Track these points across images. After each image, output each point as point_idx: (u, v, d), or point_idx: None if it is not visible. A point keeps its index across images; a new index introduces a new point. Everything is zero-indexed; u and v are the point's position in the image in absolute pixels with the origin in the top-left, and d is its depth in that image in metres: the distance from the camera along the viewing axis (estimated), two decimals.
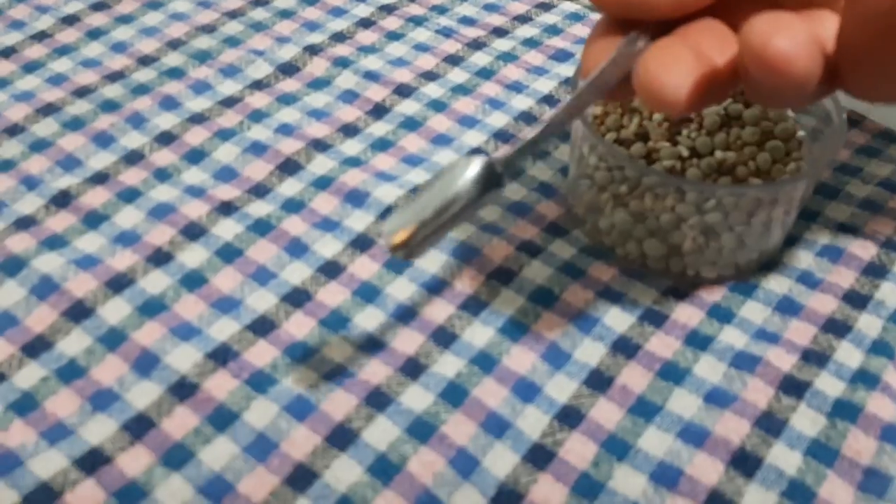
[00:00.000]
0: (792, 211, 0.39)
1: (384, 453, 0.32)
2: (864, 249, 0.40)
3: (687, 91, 0.27)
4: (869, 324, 0.37)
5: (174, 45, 0.50)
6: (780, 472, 0.32)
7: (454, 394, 0.34)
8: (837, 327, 0.37)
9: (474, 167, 0.29)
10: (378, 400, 0.34)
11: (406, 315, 0.37)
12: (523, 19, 0.54)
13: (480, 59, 0.50)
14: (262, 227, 0.40)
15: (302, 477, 0.31)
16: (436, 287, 0.38)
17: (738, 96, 0.42)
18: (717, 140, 0.40)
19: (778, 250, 0.40)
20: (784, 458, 0.32)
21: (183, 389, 0.34)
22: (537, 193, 0.43)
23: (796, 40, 0.24)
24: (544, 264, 0.39)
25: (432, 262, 0.39)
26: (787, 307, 0.38)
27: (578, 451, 0.33)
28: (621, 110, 0.42)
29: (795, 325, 0.37)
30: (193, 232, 0.39)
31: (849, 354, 0.36)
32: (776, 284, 0.39)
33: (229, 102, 0.46)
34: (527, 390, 0.34)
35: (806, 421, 0.33)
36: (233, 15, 0.52)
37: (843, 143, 0.37)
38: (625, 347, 0.36)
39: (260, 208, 0.41)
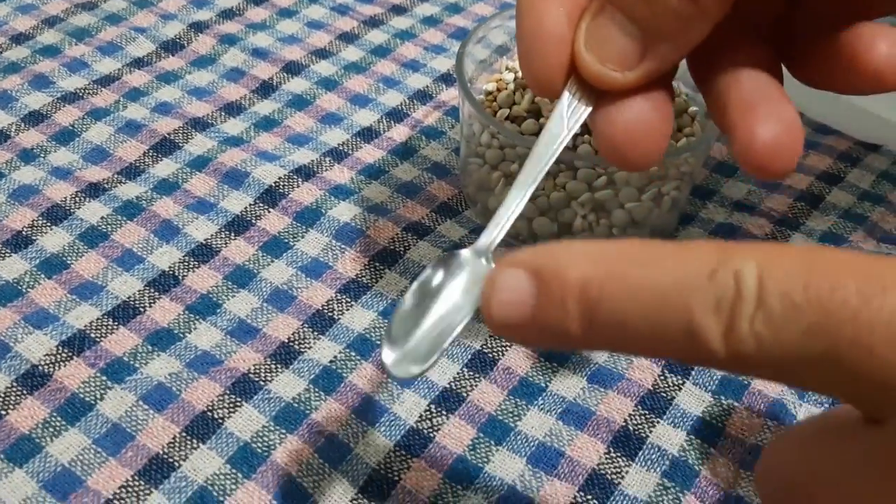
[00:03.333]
0: (683, 187, 0.38)
1: (248, 443, 0.30)
2: (758, 227, 0.40)
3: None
4: None
5: (51, 22, 0.47)
6: (662, 452, 0.31)
7: (328, 380, 0.32)
8: None
9: (472, 285, 0.24)
10: (245, 388, 0.32)
11: (281, 300, 0.35)
12: None
13: (376, 36, 0.49)
14: (130, 210, 0.37)
15: (157, 469, 0.29)
16: (316, 271, 0.36)
17: None
18: None
19: (672, 229, 0.40)
20: (667, 437, 0.31)
21: (33, 379, 0.31)
22: (429, 174, 0.41)
23: None
24: (432, 245, 0.38)
25: (313, 244, 0.37)
26: None
27: (455, 435, 0.31)
28: (513, 87, 0.41)
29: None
30: (56, 215, 0.37)
31: None
32: None
33: (106, 81, 0.44)
34: None
35: (691, 399, 0.32)
36: None
37: None
38: None
39: (130, 190, 0.38)
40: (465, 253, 0.25)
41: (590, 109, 0.25)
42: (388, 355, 0.23)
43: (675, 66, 0.26)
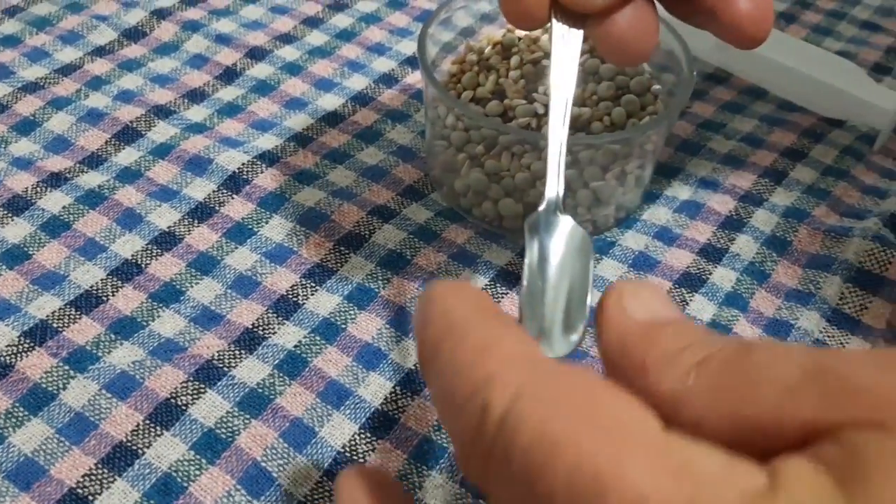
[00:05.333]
0: (647, 164, 0.38)
1: (211, 428, 0.30)
2: (722, 204, 0.40)
3: None
4: (723, 277, 0.37)
5: (11, 12, 0.47)
6: None
7: (292, 365, 0.32)
8: (692, 281, 0.36)
9: (572, 241, 0.26)
10: (209, 374, 0.32)
11: (245, 286, 0.35)
12: None
13: (342, 20, 0.48)
14: (92, 199, 0.37)
15: (121, 457, 0.29)
16: (280, 256, 0.36)
17: (596, 51, 0.41)
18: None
19: (637, 207, 0.40)
20: None
21: None
22: (395, 157, 0.41)
23: None
24: (397, 228, 0.38)
25: (277, 230, 0.37)
26: (643, 263, 0.37)
27: (420, 416, 0.31)
28: (477, 69, 0.41)
29: (650, 281, 0.36)
30: (17, 205, 0.37)
31: (701, 307, 0.35)
32: (633, 241, 0.38)
33: (67, 70, 0.43)
34: (371, 357, 0.33)
35: None
36: None
37: (689, 92, 0.36)
38: None
39: (92, 179, 0.38)
40: (543, 215, 0.27)
41: (581, 32, 0.28)
42: (531, 332, 0.24)
43: None
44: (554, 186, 0.28)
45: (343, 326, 0.34)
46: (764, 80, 0.47)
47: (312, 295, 0.35)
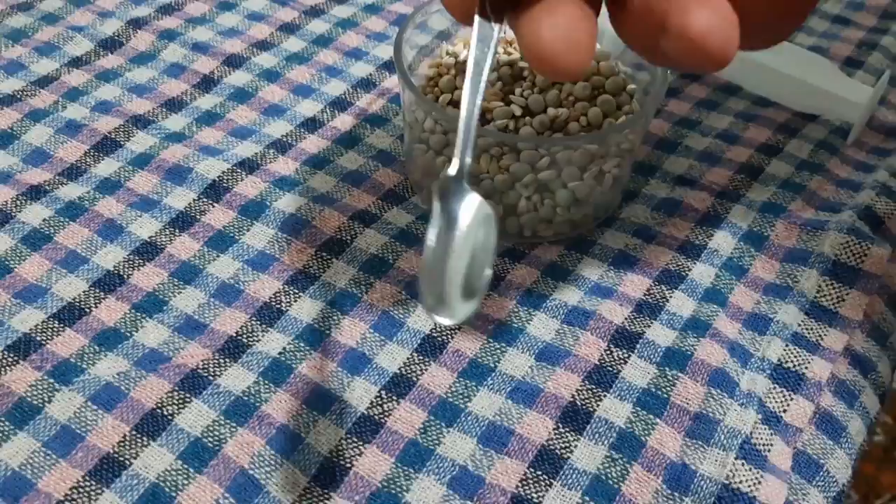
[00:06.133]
0: (624, 164, 0.38)
1: (198, 438, 0.30)
2: (700, 201, 0.40)
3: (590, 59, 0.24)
4: (702, 273, 0.37)
5: None
6: (609, 424, 0.31)
7: (277, 372, 0.32)
8: (671, 278, 0.37)
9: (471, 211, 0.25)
10: (194, 383, 0.32)
11: (228, 294, 0.35)
12: None
13: (318, 26, 0.48)
14: (73, 211, 0.37)
15: (108, 469, 0.29)
16: (262, 263, 0.36)
17: None
18: (549, 97, 0.39)
19: (616, 206, 0.40)
20: (614, 409, 0.32)
21: None
22: (375, 162, 0.41)
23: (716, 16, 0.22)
24: (378, 233, 0.38)
25: (259, 237, 0.37)
26: (623, 262, 0.37)
27: (406, 419, 0.31)
28: (454, 72, 0.41)
29: (630, 279, 0.37)
30: None
31: (681, 304, 0.36)
32: (613, 240, 0.38)
33: (44, 82, 0.43)
34: (356, 362, 0.33)
35: (636, 372, 0.33)
36: None
37: (664, 91, 0.37)
38: None
39: (72, 191, 0.38)
40: (452, 182, 0.26)
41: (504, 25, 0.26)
42: (430, 305, 0.24)
43: None
44: (462, 152, 0.26)
45: (327, 332, 0.34)
46: (737, 76, 0.48)
47: (296, 301, 0.35)
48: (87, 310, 0.34)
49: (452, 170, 0.26)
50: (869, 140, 0.45)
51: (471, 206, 0.26)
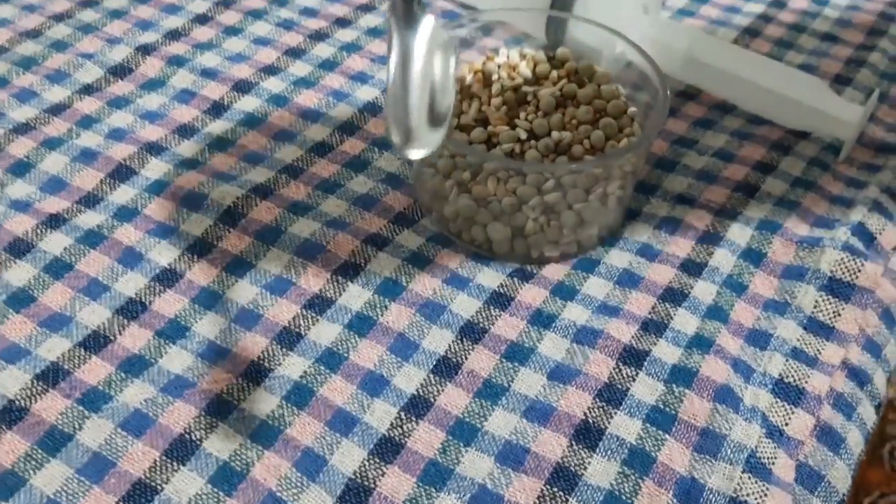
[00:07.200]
0: (627, 185, 0.40)
1: (227, 462, 0.31)
2: (699, 219, 0.42)
3: None
4: (704, 290, 0.38)
5: None
6: (621, 441, 0.33)
7: (299, 395, 0.34)
8: (675, 296, 0.38)
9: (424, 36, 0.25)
10: (220, 408, 0.33)
11: (249, 319, 0.36)
12: (366, 8, 0.53)
13: (323, 50, 0.50)
14: (93, 239, 0.38)
15: (141, 494, 0.30)
16: (280, 288, 0.37)
17: (573, 76, 0.42)
18: (554, 121, 0.40)
19: (619, 225, 0.41)
20: (625, 426, 0.33)
21: (11, 414, 0.32)
22: (384, 185, 0.42)
23: None
24: (391, 256, 0.39)
25: (275, 262, 0.38)
26: (628, 280, 0.39)
27: (426, 439, 0.33)
28: (460, 97, 0.42)
29: (635, 297, 0.38)
30: (19, 248, 0.37)
31: (685, 321, 0.37)
32: (617, 259, 0.40)
33: (56, 110, 0.44)
34: (375, 384, 0.34)
35: (645, 389, 0.34)
36: (59, 18, 0.50)
37: (665, 113, 0.38)
38: (471, 332, 0.36)
39: (90, 219, 0.39)
40: (397, 9, 0.25)
41: None
42: (399, 143, 0.24)
43: None
44: None
45: (346, 355, 0.35)
46: (731, 95, 0.49)
47: (314, 325, 0.36)
48: (112, 337, 0.35)
49: None
50: (859, 156, 0.46)
51: (425, 32, 0.25)
